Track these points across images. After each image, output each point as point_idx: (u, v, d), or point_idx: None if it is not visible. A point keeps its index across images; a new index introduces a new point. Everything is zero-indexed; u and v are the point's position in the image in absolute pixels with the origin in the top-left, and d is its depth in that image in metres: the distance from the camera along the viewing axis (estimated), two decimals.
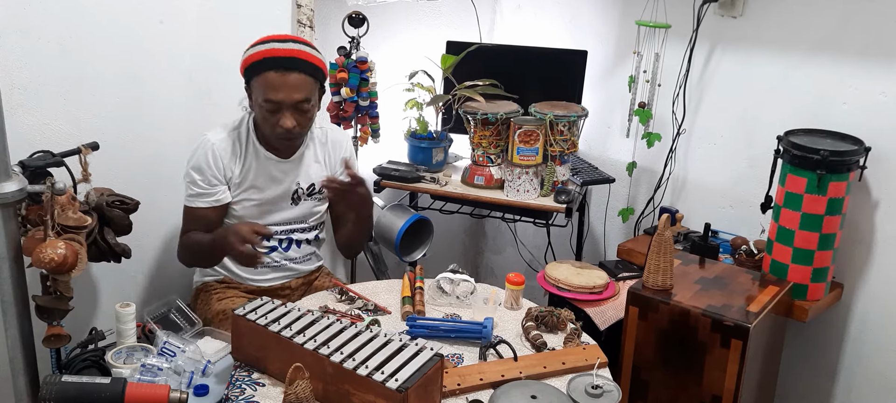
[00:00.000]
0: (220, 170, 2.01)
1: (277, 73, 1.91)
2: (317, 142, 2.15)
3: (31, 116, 1.94)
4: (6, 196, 1.49)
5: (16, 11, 1.86)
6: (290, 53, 1.93)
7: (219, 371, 1.77)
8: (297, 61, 1.93)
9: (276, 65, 1.91)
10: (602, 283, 2.31)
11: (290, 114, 1.94)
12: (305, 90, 1.94)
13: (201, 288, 2.17)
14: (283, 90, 1.91)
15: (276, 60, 1.92)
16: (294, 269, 2.20)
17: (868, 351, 2.29)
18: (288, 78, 1.91)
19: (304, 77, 1.94)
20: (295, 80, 1.92)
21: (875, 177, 2.18)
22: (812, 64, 2.29)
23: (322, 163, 2.16)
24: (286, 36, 1.99)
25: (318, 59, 1.99)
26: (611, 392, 1.59)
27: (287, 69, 1.91)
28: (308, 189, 2.14)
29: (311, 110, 1.99)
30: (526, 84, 2.72)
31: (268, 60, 1.92)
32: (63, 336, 1.67)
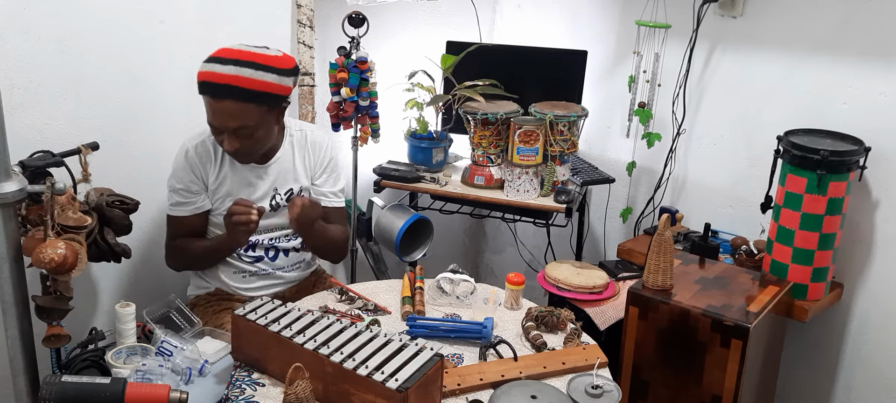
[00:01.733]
0: (198, 178, 2.02)
1: (212, 99, 1.86)
2: (295, 145, 2.12)
3: (31, 116, 1.94)
4: (6, 196, 1.49)
5: (16, 11, 1.87)
6: (222, 80, 1.83)
7: (219, 371, 1.77)
8: (231, 89, 1.83)
9: (208, 90, 1.86)
10: (602, 283, 2.31)
11: (230, 138, 1.89)
12: (241, 118, 1.86)
13: (194, 302, 2.16)
14: (217, 116, 1.87)
15: (209, 86, 1.85)
16: (283, 278, 2.18)
17: (868, 351, 2.29)
18: (221, 105, 1.85)
19: (239, 104, 1.84)
20: (228, 108, 1.85)
21: (875, 177, 2.18)
22: (812, 64, 2.29)
23: (303, 167, 2.13)
24: (232, 54, 1.87)
25: (264, 84, 1.86)
26: (611, 392, 1.59)
27: (219, 96, 1.84)
28: (286, 194, 2.11)
29: (255, 134, 1.92)
30: (526, 84, 2.72)
31: (202, 85, 1.87)
32: (63, 336, 1.67)
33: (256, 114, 1.89)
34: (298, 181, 2.13)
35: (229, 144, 1.90)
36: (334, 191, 2.20)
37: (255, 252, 2.11)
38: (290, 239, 2.16)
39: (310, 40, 2.51)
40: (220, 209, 2.05)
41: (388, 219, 2.50)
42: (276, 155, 2.08)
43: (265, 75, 1.87)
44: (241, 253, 2.11)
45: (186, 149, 2.02)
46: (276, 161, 2.08)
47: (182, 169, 2.01)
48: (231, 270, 2.12)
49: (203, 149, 2.03)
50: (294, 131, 2.13)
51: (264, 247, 2.12)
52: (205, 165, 2.03)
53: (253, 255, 2.11)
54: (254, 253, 2.11)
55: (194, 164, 2.01)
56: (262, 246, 2.12)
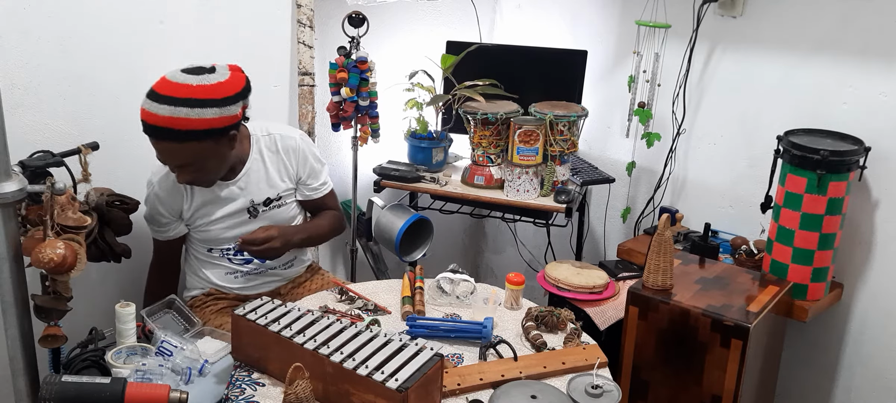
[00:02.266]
0: (168, 212, 2.02)
1: (153, 139, 1.81)
2: (265, 150, 2.06)
3: (31, 116, 1.94)
4: (6, 196, 1.49)
5: (16, 11, 1.86)
6: (158, 122, 1.75)
7: (219, 371, 1.77)
8: (167, 131, 1.76)
9: (146, 131, 1.80)
10: (602, 283, 2.31)
11: (180, 172, 1.87)
12: (181, 156, 1.81)
13: (191, 303, 2.15)
14: (162, 155, 1.84)
15: (146, 126, 1.79)
16: (279, 274, 2.19)
17: (868, 351, 2.29)
18: (161, 146, 1.81)
19: (176, 144, 1.78)
20: (168, 148, 1.81)
21: (875, 177, 2.18)
22: (812, 64, 2.29)
23: (279, 174, 2.09)
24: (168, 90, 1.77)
25: (203, 122, 1.76)
26: (611, 392, 1.59)
27: (158, 138, 1.79)
28: (265, 201, 2.08)
29: (206, 165, 1.87)
30: (526, 84, 2.72)
31: (142, 123, 1.80)
32: (59, 337, 1.67)
33: (199, 149, 1.81)
34: (274, 187, 2.08)
35: (181, 178, 1.89)
36: (321, 182, 2.20)
37: (243, 255, 2.10)
38: None
39: (310, 40, 2.51)
40: (201, 225, 2.05)
41: (388, 219, 2.50)
42: (245, 167, 2.03)
43: (202, 112, 1.76)
44: (231, 257, 2.11)
45: (152, 185, 2.00)
46: (246, 173, 2.03)
47: (150, 204, 2.02)
48: (223, 271, 2.12)
49: (168, 183, 1.98)
50: (260, 136, 2.06)
51: None
52: (173, 198, 2.00)
53: (242, 258, 2.11)
54: (243, 255, 2.11)
55: (162, 200, 2.00)
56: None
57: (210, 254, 2.12)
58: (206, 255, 2.12)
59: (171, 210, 2.03)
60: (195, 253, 2.14)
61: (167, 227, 2.06)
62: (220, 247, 2.10)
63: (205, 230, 2.06)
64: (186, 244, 2.16)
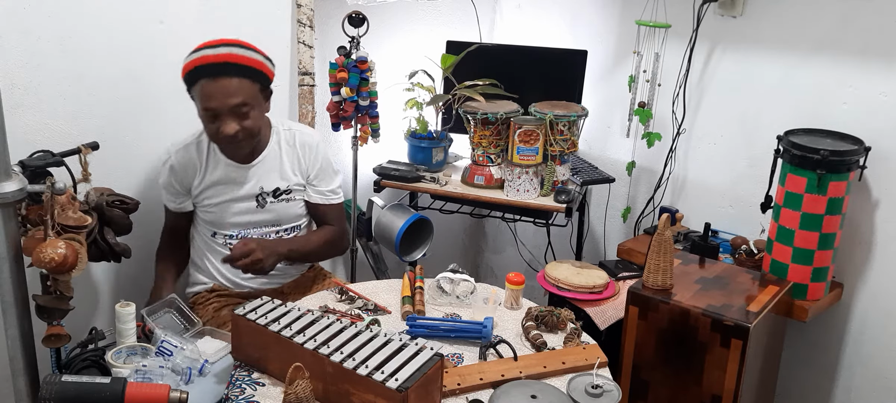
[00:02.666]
0: (180, 186, 2.07)
1: (209, 81, 1.88)
2: (283, 143, 2.12)
3: (31, 116, 1.94)
4: (6, 196, 1.49)
5: (16, 11, 1.87)
6: (220, 58, 1.89)
7: (219, 371, 1.77)
8: (228, 66, 1.89)
9: (207, 72, 1.89)
10: (602, 283, 2.31)
11: (229, 119, 1.91)
12: (241, 94, 1.90)
13: (194, 300, 2.16)
14: (217, 97, 1.89)
15: (207, 68, 1.88)
16: (281, 271, 2.18)
17: (868, 351, 2.29)
18: (220, 83, 1.88)
19: (238, 81, 1.90)
20: (228, 85, 1.88)
21: (875, 177, 2.18)
22: (812, 64, 2.29)
23: (292, 167, 2.13)
24: (220, 41, 1.94)
25: (255, 61, 1.94)
26: (611, 392, 1.59)
27: (218, 75, 1.88)
28: (274, 192, 2.11)
29: (251, 114, 1.94)
30: (526, 84, 2.72)
31: (199, 69, 1.89)
32: (63, 336, 1.67)
33: (251, 90, 1.93)
34: (286, 179, 2.12)
35: (229, 127, 1.91)
36: (331, 189, 2.21)
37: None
38: (281, 234, 2.16)
39: (310, 40, 2.51)
40: (207, 205, 2.09)
41: (388, 219, 2.50)
42: (263, 153, 2.09)
43: (254, 54, 1.95)
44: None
45: (170, 157, 2.06)
46: (262, 159, 2.09)
47: (166, 176, 2.08)
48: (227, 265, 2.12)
49: (186, 157, 2.05)
50: (281, 130, 2.13)
51: None
52: (187, 172, 2.06)
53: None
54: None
55: (176, 172, 2.07)
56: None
57: (214, 240, 2.13)
58: (211, 240, 2.13)
59: (182, 183, 2.07)
60: (200, 240, 2.15)
61: (181, 197, 2.11)
62: (224, 233, 2.11)
63: (211, 210, 2.08)
64: (193, 227, 2.17)
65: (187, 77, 1.92)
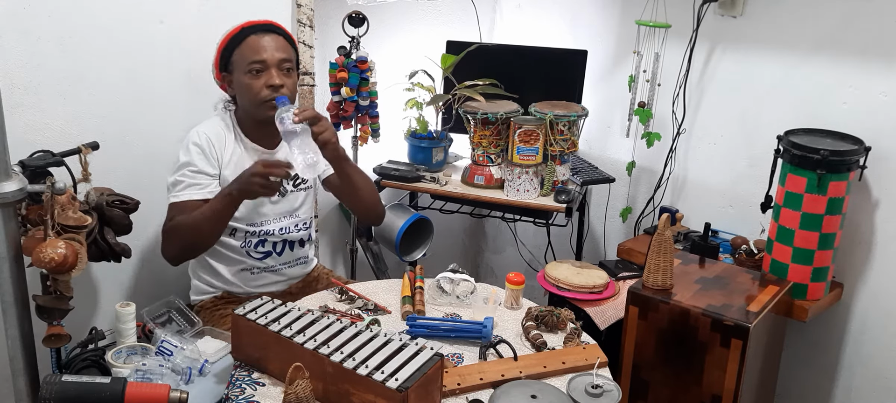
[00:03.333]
0: (213, 160, 2.00)
1: (258, 35, 1.98)
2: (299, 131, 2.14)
3: (31, 116, 1.94)
4: (6, 196, 1.49)
5: (16, 11, 1.87)
6: (267, 21, 2.03)
7: (219, 371, 1.77)
8: (273, 26, 2.02)
9: (255, 30, 1.99)
10: (602, 283, 2.31)
11: (278, 72, 1.97)
12: (287, 51, 2.01)
13: (200, 306, 2.14)
14: (266, 50, 1.97)
15: (255, 27, 2.00)
16: (286, 274, 2.19)
17: (868, 351, 2.29)
18: (270, 38, 1.99)
19: (282, 40, 2.01)
20: (275, 41, 1.99)
21: (875, 177, 2.18)
22: (812, 64, 2.29)
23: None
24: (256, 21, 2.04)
25: (293, 37, 2.08)
26: (611, 392, 1.59)
27: (266, 31, 2.00)
28: (294, 179, 2.13)
29: (294, 77, 2.03)
30: (526, 84, 2.72)
31: (246, 28, 2.00)
32: (63, 336, 1.67)
33: (293, 56, 2.04)
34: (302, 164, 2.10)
35: (278, 78, 1.97)
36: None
37: (264, 247, 2.11)
38: (300, 229, 2.16)
39: (310, 40, 2.51)
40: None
41: (388, 219, 2.50)
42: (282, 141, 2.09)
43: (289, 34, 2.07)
44: (250, 250, 2.10)
45: (199, 132, 2.02)
46: (283, 145, 2.10)
47: (197, 153, 1.99)
48: (238, 267, 2.10)
49: (215, 132, 2.04)
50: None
51: (274, 241, 2.12)
52: (219, 147, 2.03)
53: (262, 251, 2.11)
54: (263, 248, 2.11)
55: (209, 146, 2.00)
56: (272, 240, 2.11)
57: (231, 240, 2.07)
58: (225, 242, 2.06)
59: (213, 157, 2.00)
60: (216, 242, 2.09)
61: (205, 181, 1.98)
62: (240, 227, 2.06)
63: None
64: None
65: (232, 40, 1.99)
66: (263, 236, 2.10)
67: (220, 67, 2.03)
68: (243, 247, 2.09)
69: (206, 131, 2.02)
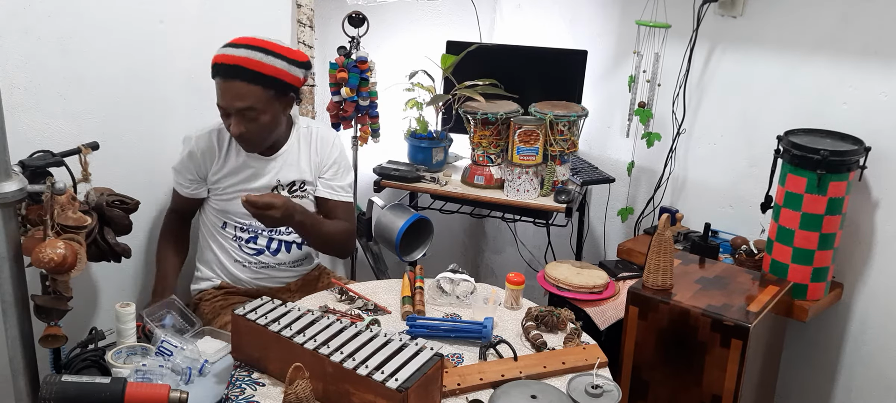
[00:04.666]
0: (196, 171, 2.09)
1: (222, 80, 1.94)
2: (302, 140, 2.16)
3: (31, 116, 1.94)
4: (6, 196, 1.49)
5: (16, 11, 1.86)
6: (233, 61, 1.92)
7: (219, 371, 1.77)
8: (241, 70, 1.91)
9: (219, 72, 1.95)
10: (602, 283, 2.31)
11: (237, 120, 1.95)
12: (248, 99, 1.92)
13: (200, 297, 2.16)
14: (226, 97, 1.94)
15: (219, 67, 1.94)
16: (287, 271, 2.20)
17: (868, 351, 2.29)
18: (230, 85, 1.93)
19: (246, 85, 1.91)
20: (235, 88, 1.92)
21: (875, 177, 2.18)
22: (812, 64, 2.29)
23: (308, 162, 2.16)
24: (245, 40, 1.97)
25: (272, 69, 1.94)
26: (611, 392, 1.59)
27: (229, 77, 1.93)
28: (289, 186, 2.13)
29: (261, 118, 1.96)
30: (526, 84, 2.72)
31: (216, 67, 1.95)
32: (60, 337, 1.67)
33: (263, 97, 1.94)
34: (302, 174, 2.15)
35: (235, 127, 1.95)
36: (342, 185, 2.22)
37: (256, 244, 2.13)
38: (289, 231, 2.16)
39: (310, 40, 2.51)
40: (222, 193, 2.11)
41: (388, 219, 2.50)
42: (282, 148, 2.12)
43: (274, 60, 1.94)
44: (243, 245, 2.13)
45: (190, 141, 2.08)
46: (282, 154, 2.12)
47: (183, 160, 2.10)
48: (233, 259, 2.14)
49: (206, 143, 2.08)
50: (302, 127, 2.17)
51: (266, 239, 2.14)
52: (206, 159, 2.08)
53: (254, 247, 2.13)
54: (255, 245, 2.13)
55: (194, 157, 2.08)
56: (263, 239, 2.14)
57: (224, 231, 2.14)
58: (220, 232, 2.14)
59: (200, 169, 2.09)
60: (210, 229, 2.16)
61: (190, 185, 2.12)
62: (235, 223, 2.12)
63: (226, 198, 2.09)
64: (202, 217, 2.18)
65: (211, 71, 1.98)
66: (253, 233, 2.13)
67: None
68: (235, 242, 2.13)
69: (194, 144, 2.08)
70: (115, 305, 1.81)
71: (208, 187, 2.13)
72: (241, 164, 2.09)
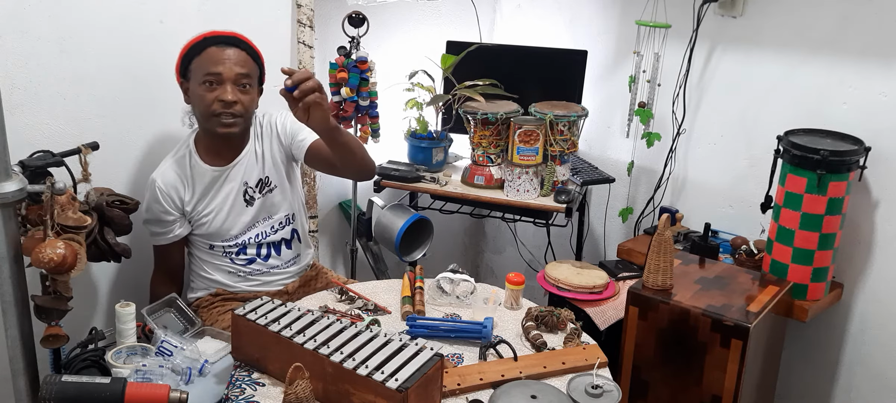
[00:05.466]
0: (171, 206, 2.03)
1: (218, 48, 1.95)
2: (255, 139, 2.11)
3: (31, 116, 1.94)
4: (6, 196, 1.49)
5: (16, 11, 1.87)
6: (227, 33, 1.99)
7: (219, 371, 1.77)
8: (238, 40, 1.98)
9: (216, 41, 1.96)
10: (602, 283, 2.31)
11: (232, 88, 1.94)
12: (246, 66, 1.97)
13: (198, 304, 2.15)
14: (225, 63, 1.94)
15: (217, 38, 1.97)
16: (283, 273, 2.19)
17: (868, 351, 2.29)
18: (229, 51, 1.95)
19: (244, 54, 1.97)
20: (235, 55, 1.95)
21: (875, 177, 2.18)
22: (812, 64, 2.29)
23: (271, 153, 2.12)
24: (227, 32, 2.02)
25: (257, 50, 2.03)
26: (611, 392, 1.59)
27: (227, 44, 1.96)
28: (257, 185, 2.11)
29: (250, 93, 1.99)
30: (526, 84, 2.72)
31: (208, 38, 1.96)
32: (61, 337, 1.67)
33: (254, 71, 2.00)
34: (266, 171, 2.11)
35: (232, 94, 1.94)
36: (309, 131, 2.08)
37: (245, 254, 2.12)
38: (278, 229, 2.15)
39: (310, 40, 2.51)
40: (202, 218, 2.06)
41: (388, 219, 2.50)
42: (243, 151, 2.08)
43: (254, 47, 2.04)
44: (234, 257, 2.12)
45: (154, 181, 2.02)
46: (243, 157, 2.08)
47: (153, 201, 2.02)
48: (226, 271, 2.13)
49: (170, 174, 2.03)
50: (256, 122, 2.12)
51: (257, 243, 2.12)
52: (176, 189, 2.03)
53: (245, 257, 2.12)
54: (245, 255, 2.12)
55: (165, 194, 2.02)
56: (252, 248, 2.12)
57: (212, 252, 2.12)
58: (209, 254, 2.12)
59: (173, 203, 2.03)
60: (198, 254, 2.14)
61: (172, 226, 2.05)
62: (223, 243, 2.10)
63: (205, 222, 2.06)
64: (189, 247, 2.16)
65: (192, 49, 1.96)
66: (241, 246, 2.11)
67: (179, 73, 2.02)
68: (226, 257, 2.12)
69: (160, 181, 2.01)
70: (115, 305, 1.81)
71: (188, 219, 2.07)
72: (208, 182, 2.05)
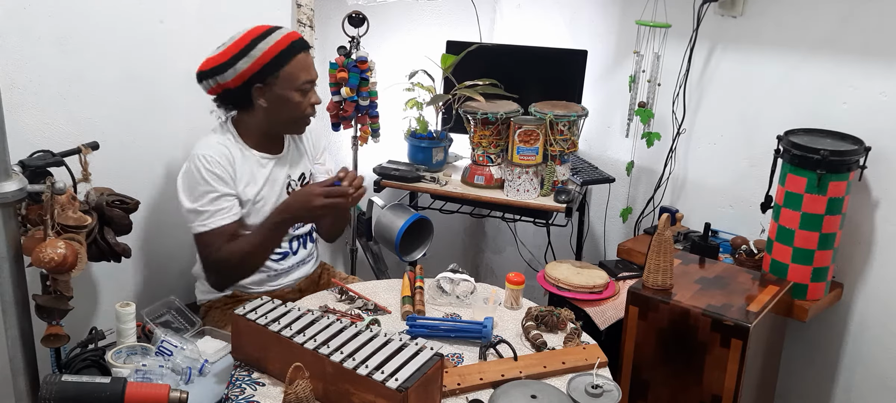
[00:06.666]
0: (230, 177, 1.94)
1: (305, 54, 1.99)
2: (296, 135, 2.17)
3: (31, 116, 1.94)
4: (6, 196, 1.49)
5: (16, 11, 1.86)
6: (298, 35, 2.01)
7: (219, 371, 1.77)
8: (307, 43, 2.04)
9: (302, 46, 1.99)
10: (602, 283, 2.31)
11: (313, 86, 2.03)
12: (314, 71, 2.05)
13: (210, 305, 2.13)
14: (312, 69, 2.02)
15: (302, 42, 2.00)
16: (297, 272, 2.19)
17: (868, 351, 2.29)
18: (310, 57, 2.02)
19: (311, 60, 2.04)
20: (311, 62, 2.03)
21: (875, 177, 2.18)
22: (812, 64, 2.29)
23: (305, 151, 2.19)
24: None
25: None
26: (611, 392, 1.59)
27: (306, 49, 2.01)
28: (299, 179, 2.14)
29: None
30: (526, 84, 2.72)
31: (296, 43, 1.97)
32: (62, 336, 1.67)
33: None
34: (304, 165, 2.18)
35: (317, 97, 2.04)
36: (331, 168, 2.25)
37: (281, 248, 2.10)
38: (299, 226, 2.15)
39: (310, 40, 2.51)
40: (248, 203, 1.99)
41: (388, 219, 2.49)
42: (285, 144, 2.13)
43: None
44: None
45: (207, 158, 1.91)
46: (287, 149, 2.13)
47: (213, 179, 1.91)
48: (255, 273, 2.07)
49: (221, 154, 1.94)
50: None
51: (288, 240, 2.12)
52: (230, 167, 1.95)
53: (280, 252, 2.11)
54: (280, 249, 2.11)
55: (222, 169, 1.93)
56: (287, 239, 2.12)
57: None
58: None
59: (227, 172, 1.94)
60: None
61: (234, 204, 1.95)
62: None
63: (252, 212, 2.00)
64: None
65: (282, 54, 1.93)
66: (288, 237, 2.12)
67: (254, 78, 1.93)
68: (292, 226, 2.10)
69: (213, 154, 1.92)
70: (115, 305, 1.81)
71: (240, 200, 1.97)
72: (254, 171, 2.01)
